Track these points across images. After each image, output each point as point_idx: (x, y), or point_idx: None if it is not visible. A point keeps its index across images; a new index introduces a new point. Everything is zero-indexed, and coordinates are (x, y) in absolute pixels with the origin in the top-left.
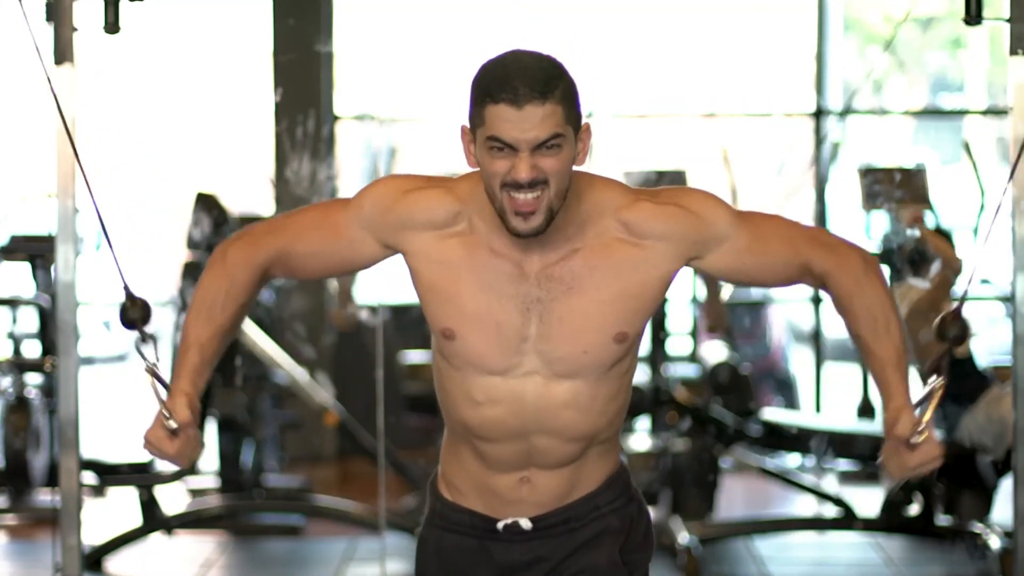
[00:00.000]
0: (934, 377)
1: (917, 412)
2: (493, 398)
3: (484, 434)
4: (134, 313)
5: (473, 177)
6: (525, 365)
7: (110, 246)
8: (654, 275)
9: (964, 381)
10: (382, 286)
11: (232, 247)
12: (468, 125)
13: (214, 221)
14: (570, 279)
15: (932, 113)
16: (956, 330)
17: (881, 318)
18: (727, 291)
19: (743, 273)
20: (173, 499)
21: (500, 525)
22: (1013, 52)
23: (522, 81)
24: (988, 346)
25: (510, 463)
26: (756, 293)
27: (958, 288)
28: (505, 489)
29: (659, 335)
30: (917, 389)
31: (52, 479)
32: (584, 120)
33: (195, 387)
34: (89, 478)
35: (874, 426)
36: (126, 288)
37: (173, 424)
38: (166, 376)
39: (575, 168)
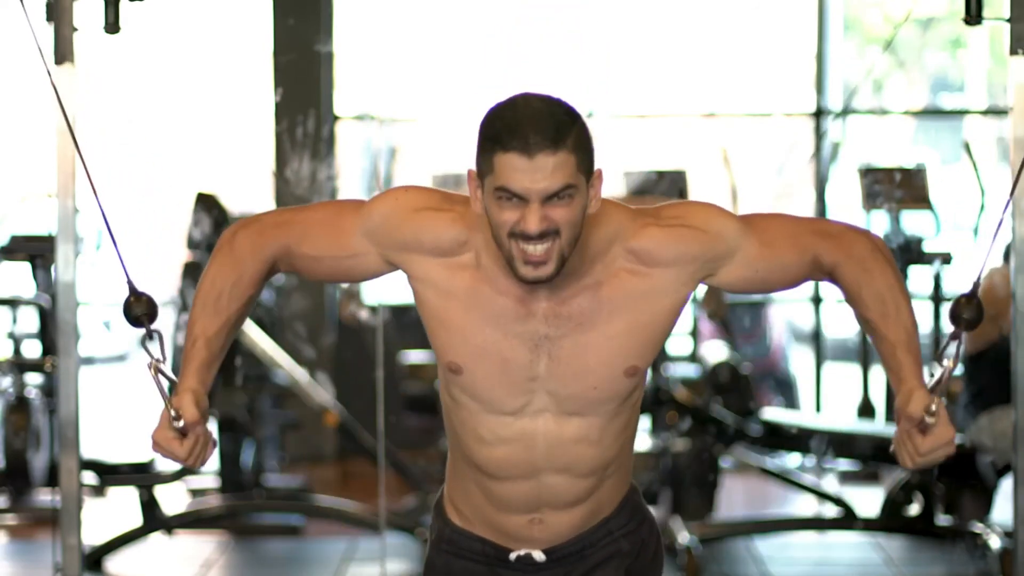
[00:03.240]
0: (945, 361)
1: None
2: (503, 437)
3: (493, 472)
4: (139, 309)
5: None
6: (535, 403)
7: (113, 242)
8: (664, 304)
9: (991, 379)
10: (382, 286)
11: (240, 235)
12: (475, 170)
13: (214, 221)
14: (579, 316)
15: (932, 113)
16: (970, 312)
17: (890, 300)
18: None
19: (757, 281)
20: (173, 499)
21: (512, 556)
22: (1013, 52)
23: (533, 128)
24: None
25: (520, 505)
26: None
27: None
28: (516, 528)
29: None
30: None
31: (52, 479)
32: (596, 167)
33: (203, 384)
34: (89, 478)
35: (874, 426)
36: (130, 284)
37: (181, 424)
38: (171, 373)
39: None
